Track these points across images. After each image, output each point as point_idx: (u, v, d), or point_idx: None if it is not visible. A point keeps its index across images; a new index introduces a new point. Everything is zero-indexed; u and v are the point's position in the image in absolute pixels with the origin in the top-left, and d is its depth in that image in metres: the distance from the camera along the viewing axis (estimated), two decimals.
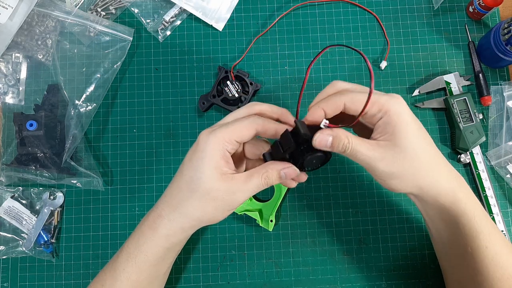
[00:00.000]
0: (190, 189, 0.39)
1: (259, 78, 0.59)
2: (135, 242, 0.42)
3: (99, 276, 0.45)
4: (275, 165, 0.39)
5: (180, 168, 0.41)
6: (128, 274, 0.42)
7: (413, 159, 0.38)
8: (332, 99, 0.39)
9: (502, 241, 0.42)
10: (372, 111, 0.38)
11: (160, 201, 0.42)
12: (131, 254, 0.42)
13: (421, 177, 0.39)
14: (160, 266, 0.44)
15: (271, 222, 0.53)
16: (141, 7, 0.60)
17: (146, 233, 0.42)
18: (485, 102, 0.56)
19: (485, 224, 0.41)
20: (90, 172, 0.54)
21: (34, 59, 0.59)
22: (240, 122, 0.39)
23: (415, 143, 0.37)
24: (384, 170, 0.38)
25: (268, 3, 0.61)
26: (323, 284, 0.54)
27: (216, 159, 0.38)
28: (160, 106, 0.58)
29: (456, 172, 0.42)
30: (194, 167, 0.39)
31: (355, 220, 0.55)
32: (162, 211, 0.41)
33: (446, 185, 0.40)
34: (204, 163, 0.38)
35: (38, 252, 0.54)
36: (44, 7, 0.58)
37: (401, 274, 0.54)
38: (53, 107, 0.56)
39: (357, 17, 0.60)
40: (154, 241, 0.41)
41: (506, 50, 0.53)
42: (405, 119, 0.37)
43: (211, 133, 0.39)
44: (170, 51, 0.59)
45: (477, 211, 0.41)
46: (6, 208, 0.55)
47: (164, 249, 0.42)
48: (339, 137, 0.37)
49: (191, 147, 0.41)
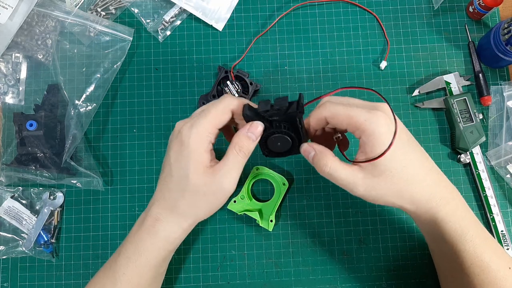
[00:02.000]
0: (181, 188, 0.40)
1: (259, 78, 0.59)
2: (134, 247, 0.42)
3: (96, 279, 0.45)
4: (240, 132, 0.39)
5: (167, 168, 0.41)
6: (129, 278, 0.42)
7: (392, 181, 0.37)
8: (313, 113, 0.40)
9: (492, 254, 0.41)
10: (350, 129, 0.38)
11: (153, 204, 0.42)
12: (130, 258, 0.42)
13: (400, 197, 0.39)
14: (160, 267, 0.45)
15: (271, 222, 0.53)
16: (141, 7, 0.60)
17: (145, 237, 0.42)
18: (485, 102, 0.56)
19: (470, 241, 0.40)
20: (90, 172, 0.54)
21: (34, 59, 0.59)
22: (215, 109, 0.39)
23: (390, 166, 0.37)
24: (364, 194, 0.38)
25: (268, 3, 0.61)
26: (323, 284, 0.54)
27: (201, 154, 0.39)
28: (160, 106, 0.58)
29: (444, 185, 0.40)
30: (181, 166, 0.39)
31: (355, 220, 0.55)
32: (159, 214, 0.41)
33: (426, 205, 0.39)
34: (190, 160, 0.38)
35: (38, 252, 0.54)
36: (44, 7, 0.58)
37: (401, 274, 0.54)
38: (53, 107, 0.56)
39: (357, 17, 0.60)
40: (155, 245, 0.42)
41: (506, 50, 0.53)
42: (381, 140, 0.36)
43: (192, 128, 0.39)
44: (170, 51, 0.59)
45: (461, 229, 0.40)
46: (6, 208, 0.55)
47: (165, 251, 0.43)
48: (320, 155, 0.38)
49: (173, 144, 0.40)
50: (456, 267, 0.41)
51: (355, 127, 0.37)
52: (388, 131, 0.36)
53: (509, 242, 0.53)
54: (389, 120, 0.37)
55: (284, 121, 0.39)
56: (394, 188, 0.38)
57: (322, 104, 0.39)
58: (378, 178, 0.37)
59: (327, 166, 0.38)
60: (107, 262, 0.45)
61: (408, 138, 0.39)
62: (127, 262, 0.42)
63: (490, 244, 0.41)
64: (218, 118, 0.39)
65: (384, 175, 0.37)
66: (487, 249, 0.41)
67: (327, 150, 0.39)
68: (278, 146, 0.40)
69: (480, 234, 0.41)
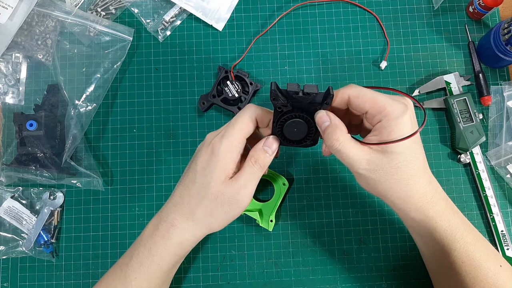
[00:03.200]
0: (201, 196, 0.40)
1: (259, 78, 0.59)
2: (147, 252, 0.42)
3: (105, 281, 0.44)
4: (256, 146, 0.40)
5: (191, 174, 0.41)
6: (140, 282, 0.42)
7: (396, 172, 0.38)
8: (337, 91, 0.39)
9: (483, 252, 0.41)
10: (372, 112, 0.38)
11: (170, 209, 0.42)
12: (143, 263, 0.42)
13: (396, 190, 0.39)
14: (170, 272, 0.45)
15: (271, 222, 0.53)
16: (141, 7, 0.60)
17: (159, 242, 0.42)
18: (485, 102, 0.56)
19: (460, 240, 0.40)
20: (90, 172, 0.54)
21: (34, 59, 0.59)
22: (242, 118, 0.40)
23: (403, 155, 0.37)
24: (363, 174, 0.38)
25: (268, 3, 0.61)
26: (323, 284, 0.54)
27: (228, 164, 0.39)
28: (160, 106, 0.58)
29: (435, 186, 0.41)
30: (206, 174, 0.39)
31: (355, 220, 0.55)
32: (175, 220, 0.41)
33: (418, 202, 0.39)
34: (216, 169, 0.39)
35: (38, 252, 0.54)
36: (44, 7, 0.58)
37: (401, 274, 0.54)
38: (53, 107, 0.56)
39: (357, 17, 0.60)
40: (167, 250, 0.42)
41: (506, 50, 0.53)
42: (401, 128, 0.36)
43: (223, 138, 0.39)
44: (170, 51, 0.59)
45: (450, 228, 0.40)
46: (6, 208, 0.55)
47: (177, 257, 0.43)
48: (334, 128, 0.37)
49: (202, 153, 0.40)
50: (447, 266, 0.42)
51: (378, 110, 0.37)
52: (409, 121, 0.37)
53: (509, 242, 0.53)
54: (412, 113, 0.38)
55: (306, 108, 0.39)
56: (396, 177, 0.38)
57: (347, 86, 0.39)
58: (385, 162, 0.37)
59: (338, 141, 0.37)
60: (117, 264, 0.45)
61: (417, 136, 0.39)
62: (139, 267, 0.42)
63: (481, 243, 0.42)
64: (245, 127, 0.40)
65: (393, 162, 0.37)
66: (478, 248, 0.41)
67: (342, 124, 0.38)
68: (294, 133, 0.40)
69: (470, 233, 0.41)
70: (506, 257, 0.53)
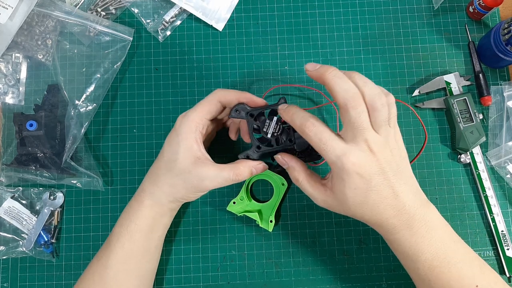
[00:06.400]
0: (167, 168, 0.45)
1: (259, 78, 0.59)
2: (126, 215, 0.47)
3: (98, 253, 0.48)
4: (249, 163, 0.45)
5: (161, 150, 0.46)
6: (121, 243, 0.46)
7: (349, 208, 0.41)
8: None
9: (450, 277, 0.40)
10: (327, 160, 0.40)
11: (144, 178, 0.48)
12: (123, 225, 0.47)
13: (357, 217, 0.42)
14: (150, 238, 0.47)
15: (271, 223, 0.53)
16: (141, 7, 0.60)
17: (134, 205, 0.47)
18: (485, 102, 0.56)
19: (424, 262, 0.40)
20: (90, 172, 0.54)
21: (34, 59, 0.59)
22: (204, 100, 0.46)
23: (351, 199, 0.39)
24: (324, 206, 0.43)
25: (268, 3, 0.61)
26: (323, 284, 0.54)
27: (190, 142, 0.43)
28: (160, 106, 0.58)
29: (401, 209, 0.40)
30: (172, 150, 0.44)
31: (355, 220, 0.55)
32: (144, 186, 0.47)
33: (379, 229, 0.43)
34: (180, 146, 0.43)
35: (38, 252, 0.54)
36: (44, 7, 0.58)
37: (401, 274, 0.54)
38: (53, 107, 0.56)
39: (357, 17, 0.60)
40: (141, 211, 0.46)
41: (506, 50, 0.53)
42: (343, 178, 0.38)
43: (184, 117, 0.45)
44: (170, 51, 0.59)
45: (412, 248, 0.40)
46: (6, 208, 0.55)
47: (151, 219, 0.47)
48: (291, 169, 0.44)
49: (171, 131, 0.46)
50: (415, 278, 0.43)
51: (329, 160, 0.39)
52: (355, 167, 0.38)
53: (509, 242, 0.53)
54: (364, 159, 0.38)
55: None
56: (350, 212, 0.42)
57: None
58: (337, 202, 0.41)
59: (298, 181, 0.43)
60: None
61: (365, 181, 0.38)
62: (120, 229, 0.46)
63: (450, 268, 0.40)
64: (206, 108, 0.45)
65: (342, 204, 0.41)
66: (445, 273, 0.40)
67: (298, 164, 0.44)
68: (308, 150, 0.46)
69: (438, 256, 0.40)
70: (506, 257, 0.53)
